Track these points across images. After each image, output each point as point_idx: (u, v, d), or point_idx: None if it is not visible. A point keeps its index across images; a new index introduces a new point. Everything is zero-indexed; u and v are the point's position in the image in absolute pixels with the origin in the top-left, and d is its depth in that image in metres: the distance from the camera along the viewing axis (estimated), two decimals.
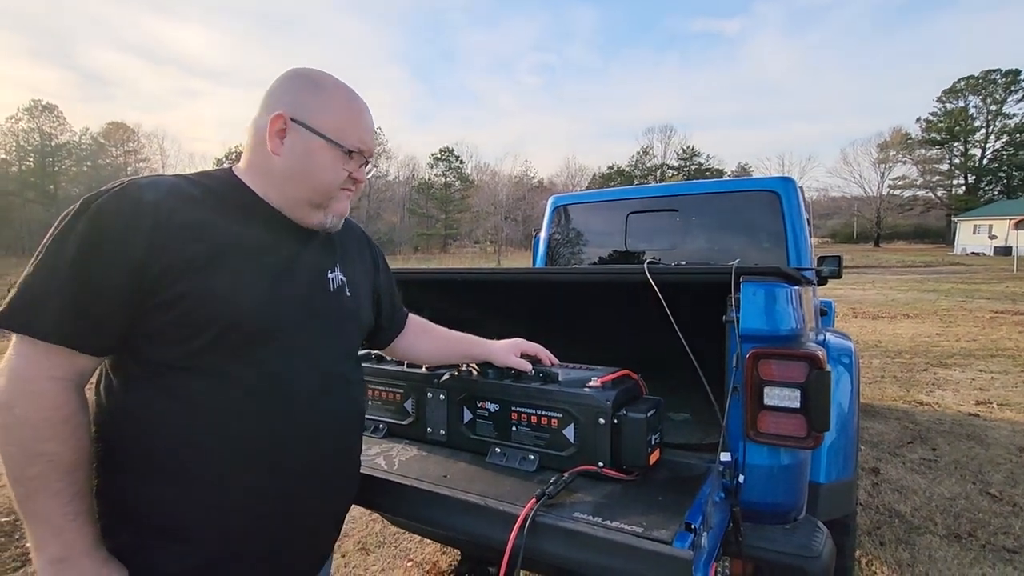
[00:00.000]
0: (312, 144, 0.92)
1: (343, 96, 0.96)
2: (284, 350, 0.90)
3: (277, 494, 0.90)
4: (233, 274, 0.85)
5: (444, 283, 2.48)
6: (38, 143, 53.92)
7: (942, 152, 53.76)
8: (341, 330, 1.03)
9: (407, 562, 2.52)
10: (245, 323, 0.85)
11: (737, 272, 1.23)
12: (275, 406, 0.88)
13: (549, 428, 1.28)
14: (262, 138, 0.92)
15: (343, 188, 0.98)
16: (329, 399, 0.97)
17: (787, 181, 2.96)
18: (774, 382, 1.18)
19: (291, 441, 0.90)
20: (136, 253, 0.78)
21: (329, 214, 0.98)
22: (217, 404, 0.84)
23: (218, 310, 0.83)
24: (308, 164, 0.92)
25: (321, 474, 0.96)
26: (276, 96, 0.93)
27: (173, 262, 0.80)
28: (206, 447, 0.83)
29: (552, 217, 3.69)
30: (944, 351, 7.13)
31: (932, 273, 21.16)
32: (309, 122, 0.91)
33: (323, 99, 0.93)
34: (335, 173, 0.95)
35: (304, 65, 0.97)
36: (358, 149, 0.96)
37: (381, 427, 1.58)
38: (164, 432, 0.82)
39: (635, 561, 0.93)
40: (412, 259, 41.02)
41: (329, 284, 1.01)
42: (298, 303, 0.93)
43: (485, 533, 1.08)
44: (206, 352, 0.82)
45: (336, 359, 1.01)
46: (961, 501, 3.02)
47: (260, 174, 0.94)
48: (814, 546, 1.19)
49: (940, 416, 4.55)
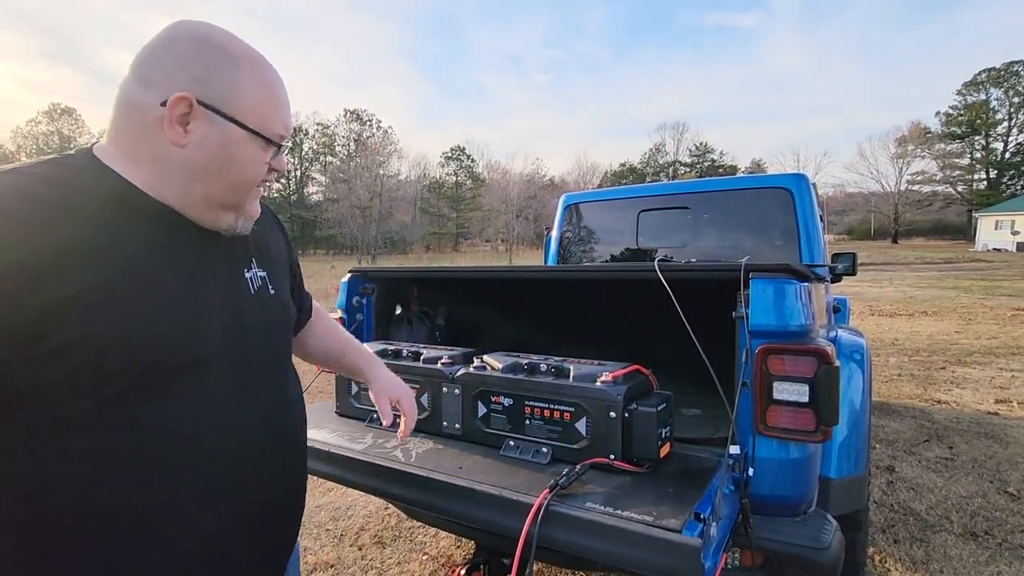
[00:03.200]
0: (229, 135, 0.73)
1: (259, 70, 0.76)
2: (217, 379, 0.75)
3: (221, 531, 0.77)
4: (141, 301, 0.68)
5: (457, 281, 2.52)
6: (57, 145, 55.12)
7: (962, 146, 52.68)
8: (274, 339, 0.88)
9: (422, 555, 2.56)
10: (169, 357, 0.70)
11: (746, 269, 1.25)
12: (214, 443, 0.75)
13: (562, 422, 1.31)
14: (151, 123, 0.71)
15: (261, 182, 0.81)
16: (270, 425, 0.84)
17: (800, 178, 2.96)
18: (783, 377, 1.21)
19: (234, 474, 0.78)
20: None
21: (241, 216, 0.81)
22: (136, 458, 0.68)
23: (131, 348, 0.67)
24: (224, 159, 0.74)
25: (271, 500, 0.85)
26: (170, 67, 0.71)
27: (55, 300, 0.62)
28: (149, 502, 0.69)
29: (564, 215, 3.71)
30: (963, 349, 7.03)
31: (952, 270, 20.79)
32: (223, 108, 0.72)
33: (237, 76, 0.73)
34: (256, 168, 0.78)
35: (196, 20, 0.75)
36: (282, 136, 0.79)
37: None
38: (88, 496, 0.67)
39: (645, 549, 0.96)
40: (424, 258, 41.27)
41: (249, 286, 0.84)
42: (224, 320, 0.78)
43: (500, 522, 1.12)
44: (118, 400, 0.67)
45: (273, 378, 0.87)
46: (978, 500, 2.99)
47: (147, 165, 0.73)
48: (823, 538, 1.21)
49: (958, 414, 4.50)
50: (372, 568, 2.47)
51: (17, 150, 55.04)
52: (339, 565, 2.50)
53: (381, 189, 48.69)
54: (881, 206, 54.66)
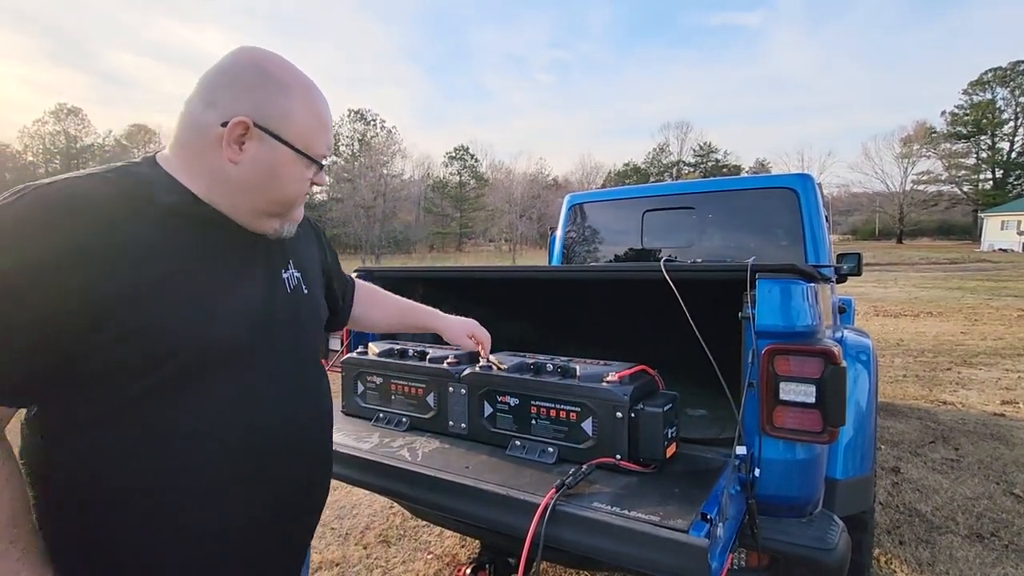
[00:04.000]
0: (279, 155, 0.82)
1: (310, 98, 0.86)
2: (249, 370, 0.83)
3: (249, 519, 0.84)
4: (188, 295, 0.76)
5: (461, 281, 2.53)
6: (64, 146, 55.47)
7: (968, 146, 52.35)
8: (305, 335, 0.97)
9: (427, 554, 2.57)
10: (208, 348, 0.78)
11: (753, 269, 1.25)
12: (242, 431, 0.82)
13: (568, 422, 1.32)
14: (211, 141, 0.80)
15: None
16: (298, 413, 0.92)
17: (805, 178, 2.95)
18: (790, 377, 1.21)
19: (262, 463, 0.85)
20: (57, 289, 0.67)
21: (286, 222, 0.90)
22: (180, 437, 0.77)
23: (175, 339, 0.74)
24: (272, 176, 0.83)
25: (296, 489, 0.92)
26: (230, 92, 0.80)
27: (115, 292, 0.70)
28: (172, 482, 0.77)
29: (568, 215, 3.71)
30: (969, 350, 6.99)
31: (957, 270, 20.68)
32: (275, 130, 0.81)
33: (289, 102, 0.83)
34: (301, 185, 0.87)
35: (257, 46, 0.86)
36: (324, 156, 0.89)
37: (404, 421, 1.63)
38: (124, 470, 0.75)
39: (652, 549, 0.96)
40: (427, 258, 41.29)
41: (286, 285, 0.93)
42: (260, 316, 0.86)
43: (506, 522, 1.12)
44: (166, 384, 0.75)
45: (302, 368, 0.95)
46: (984, 501, 2.98)
47: (203, 176, 0.82)
48: (829, 539, 1.21)
49: (964, 416, 4.48)
50: (377, 567, 2.48)
51: (24, 150, 55.40)
52: (344, 564, 2.51)
53: (385, 189, 48.80)
54: (886, 206, 54.41)
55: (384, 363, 1.70)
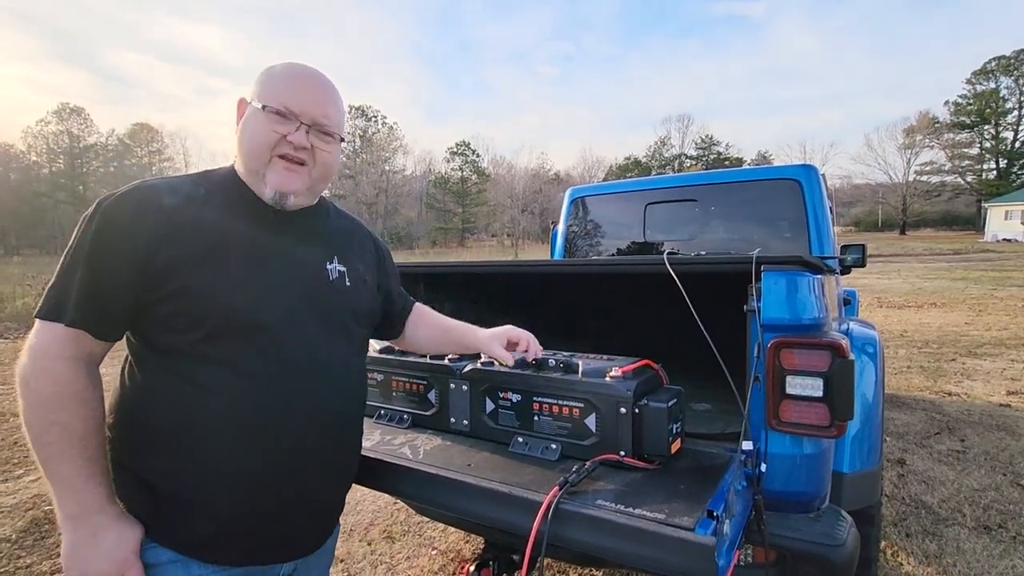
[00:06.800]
0: (250, 112, 0.99)
1: (288, 70, 1.01)
2: (280, 338, 0.95)
3: (278, 470, 0.96)
4: (224, 270, 0.91)
5: (463, 277, 2.51)
6: (67, 145, 55.41)
7: (972, 136, 51.97)
8: (339, 317, 1.07)
9: (431, 550, 2.57)
10: (235, 317, 0.91)
11: (758, 261, 1.22)
12: (273, 390, 0.94)
13: (571, 418, 1.30)
14: None
15: (279, 155, 0.98)
16: (326, 383, 1.02)
17: (808, 169, 2.92)
18: (796, 371, 1.18)
19: (289, 422, 0.96)
20: (138, 249, 0.87)
21: (268, 187, 0.99)
22: (219, 387, 0.90)
23: (211, 305, 0.89)
24: (243, 131, 0.99)
25: (319, 453, 1.02)
26: (251, 89, 1.02)
27: (172, 258, 0.88)
28: (212, 426, 0.90)
29: (570, 209, 3.69)
30: (973, 340, 6.96)
31: (961, 261, 20.57)
32: (253, 97, 0.99)
33: (270, 76, 1.00)
34: (263, 135, 0.97)
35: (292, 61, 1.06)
36: (279, 109, 0.97)
37: (405, 418, 1.62)
38: (175, 411, 0.90)
39: (658, 547, 0.94)
40: (430, 253, 41.23)
41: (328, 274, 1.07)
42: (293, 293, 0.99)
43: (510, 520, 1.11)
44: (206, 341, 0.89)
45: (334, 344, 1.05)
46: (991, 492, 2.96)
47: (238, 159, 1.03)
48: (837, 534, 1.19)
49: (969, 406, 4.45)
50: (381, 563, 2.48)
51: (28, 150, 55.36)
52: (349, 560, 2.50)
53: (387, 185, 48.75)
54: (889, 197, 54.11)
55: (385, 359, 1.68)
